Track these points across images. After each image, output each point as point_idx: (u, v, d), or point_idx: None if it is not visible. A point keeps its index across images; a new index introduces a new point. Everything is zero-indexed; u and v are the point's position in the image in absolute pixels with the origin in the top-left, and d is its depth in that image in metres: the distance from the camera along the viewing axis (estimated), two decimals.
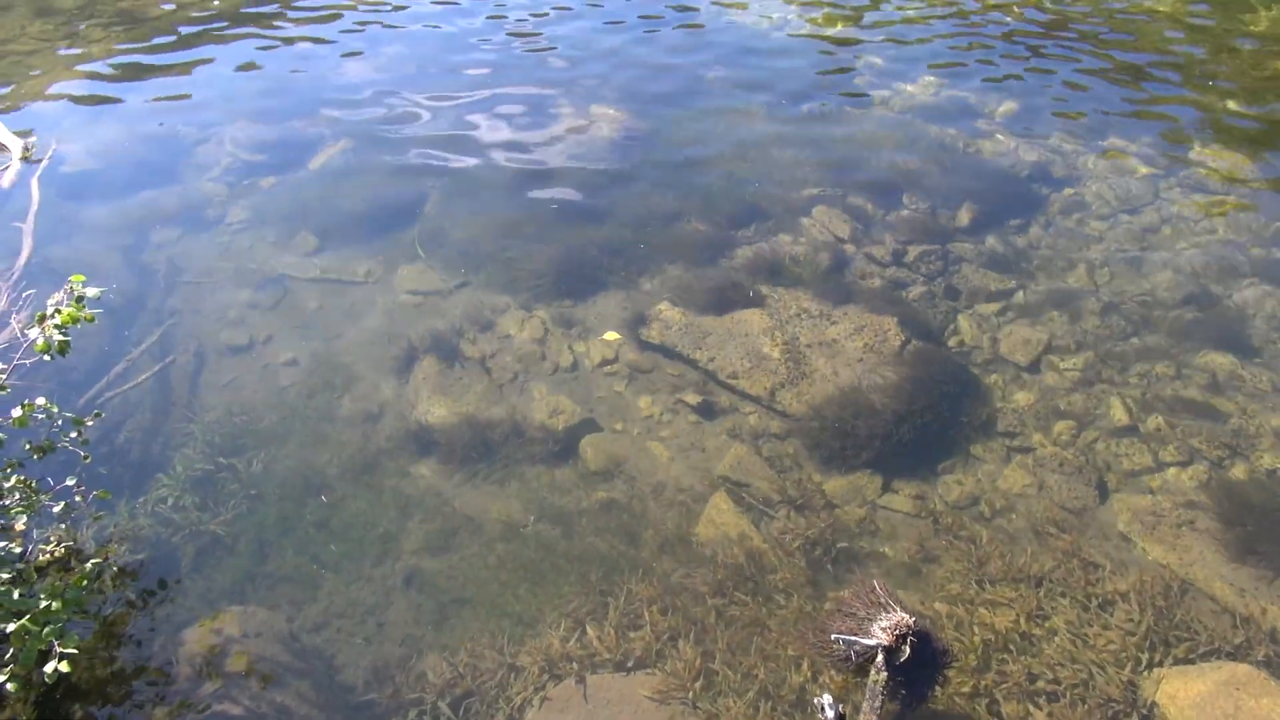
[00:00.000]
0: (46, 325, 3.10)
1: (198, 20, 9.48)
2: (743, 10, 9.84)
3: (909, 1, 10.00)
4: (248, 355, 5.58)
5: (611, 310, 5.92)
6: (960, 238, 6.54)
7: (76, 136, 7.36)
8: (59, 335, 3.09)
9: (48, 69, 8.52)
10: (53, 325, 3.09)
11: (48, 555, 3.90)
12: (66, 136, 7.33)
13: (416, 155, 7.26)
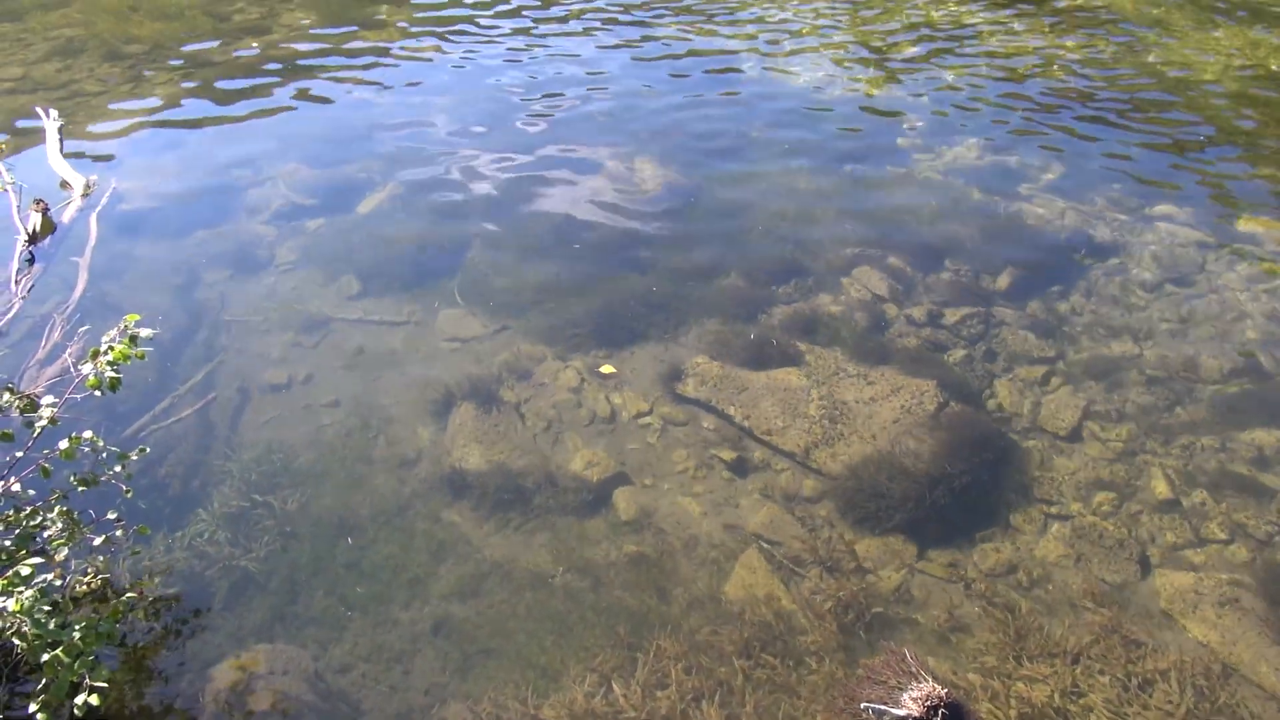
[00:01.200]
0: (99, 361, 3.18)
1: (257, 67, 9.79)
2: (787, 72, 9.96)
3: (953, 66, 10.06)
4: (288, 394, 5.66)
5: (648, 362, 5.95)
6: (1001, 302, 6.51)
7: (136, 176, 7.60)
8: (111, 372, 3.16)
9: (113, 110, 8.83)
10: (105, 362, 3.17)
11: (85, 587, 3.96)
12: (126, 176, 7.58)
13: (462, 203, 7.40)
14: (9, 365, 5.39)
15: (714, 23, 11.26)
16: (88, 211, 6.92)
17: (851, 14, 11.66)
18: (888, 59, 10.29)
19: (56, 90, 9.16)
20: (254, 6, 11.59)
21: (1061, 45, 10.61)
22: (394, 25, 11.09)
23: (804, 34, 10.96)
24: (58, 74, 9.56)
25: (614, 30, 11.01)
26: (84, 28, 10.78)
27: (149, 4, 11.61)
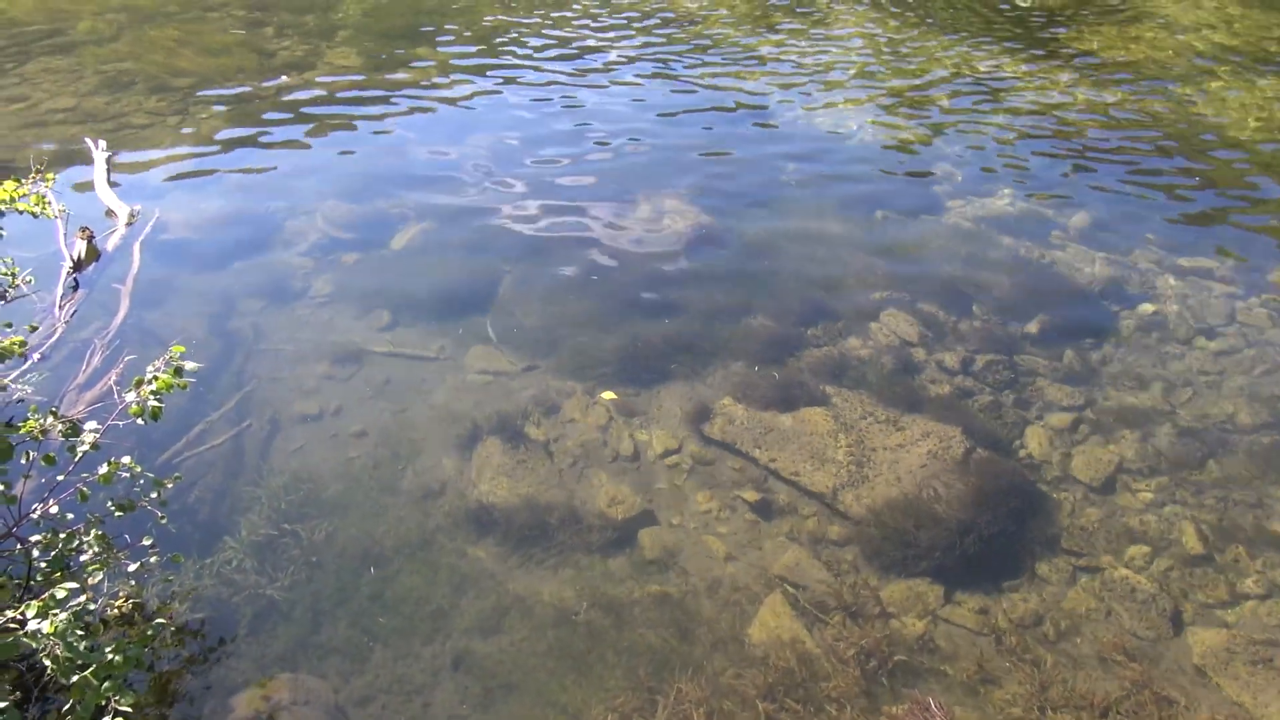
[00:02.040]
0: (143, 390, 3.25)
1: (299, 103, 10.03)
2: (820, 117, 10.06)
3: (987, 114, 10.11)
4: (318, 424, 5.72)
5: (675, 402, 5.97)
6: (1031, 349, 6.48)
7: (179, 206, 7.78)
8: (154, 401, 3.23)
9: (159, 142, 9.06)
10: (149, 391, 3.24)
11: (115, 611, 4.01)
12: (170, 206, 7.75)
13: (493, 241, 7.50)
14: (50, 388, 5.50)
15: (747, 68, 11.41)
16: (131, 240, 7.09)
17: (885, 61, 11.77)
18: (921, 106, 10.37)
19: (105, 122, 9.42)
20: (298, 45, 11.89)
21: (1096, 96, 10.64)
22: (432, 67, 11.32)
23: (837, 80, 11.07)
24: (107, 106, 9.83)
25: (647, 75, 11.18)
26: (133, 62, 11.10)
27: (196, 40, 11.95)
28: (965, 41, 12.48)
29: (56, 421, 3.34)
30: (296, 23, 12.84)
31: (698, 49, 12.05)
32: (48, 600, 2.82)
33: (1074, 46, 12.28)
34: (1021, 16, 13.59)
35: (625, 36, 12.53)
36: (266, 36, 12.24)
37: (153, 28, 12.39)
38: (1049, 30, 12.98)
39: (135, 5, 13.46)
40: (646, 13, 13.65)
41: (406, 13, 13.51)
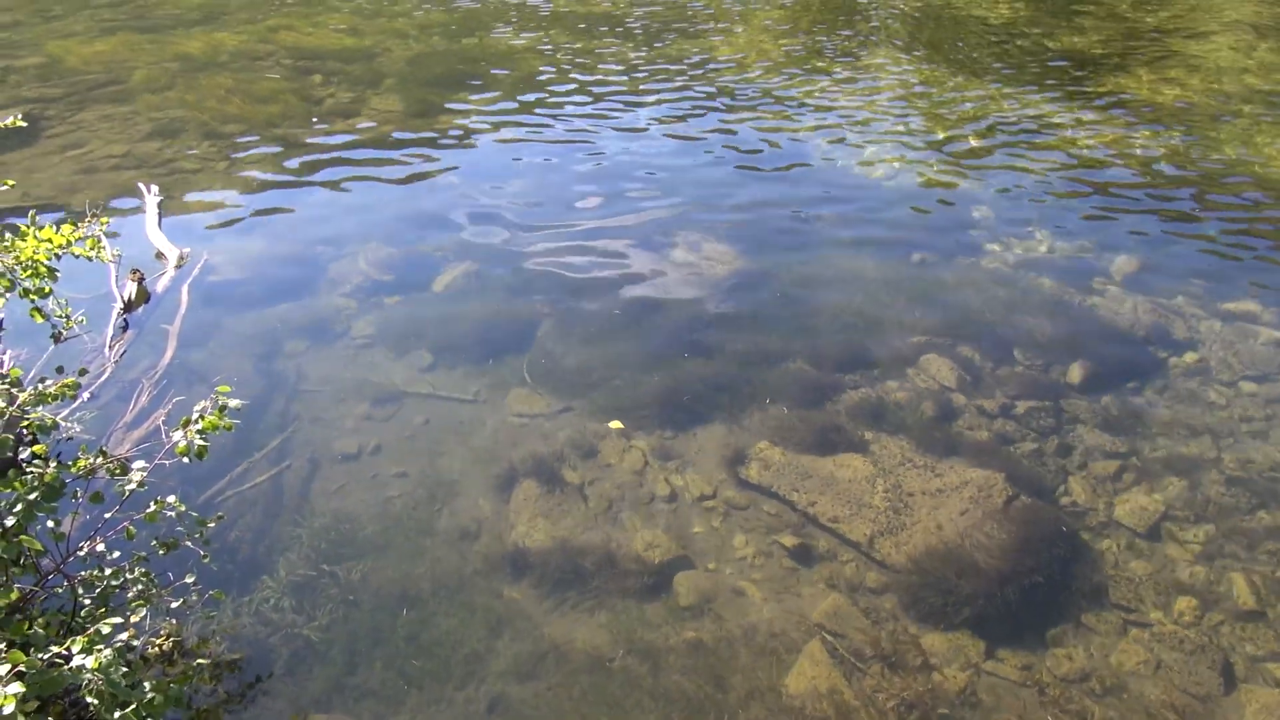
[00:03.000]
0: (189, 430, 3.31)
1: (344, 148, 10.26)
2: (857, 160, 10.10)
3: (1025, 157, 10.09)
4: (357, 464, 5.78)
5: (712, 445, 5.96)
6: (1073, 395, 6.40)
7: (226, 249, 7.97)
8: (200, 440, 3.29)
9: (209, 186, 9.31)
10: (195, 431, 3.30)
11: (156, 648, 4.05)
12: (218, 249, 7.94)
13: (532, 283, 7.58)
14: (98, 426, 5.62)
15: (785, 114, 11.50)
16: (180, 282, 7.26)
17: (922, 106, 11.81)
18: (958, 149, 10.37)
19: (157, 167, 9.70)
20: (344, 91, 12.20)
21: (1135, 138, 10.59)
22: (473, 113, 11.54)
23: (874, 125, 11.12)
24: (159, 152, 10.13)
25: (685, 121, 11.31)
26: (185, 109, 11.44)
27: (246, 88, 12.30)
28: (1001, 86, 12.49)
29: (105, 461, 3.41)
30: (342, 71, 13.17)
31: (735, 95, 12.18)
32: (93, 635, 2.87)
33: (1110, 91, 12.25)
34: (1060, 60, 13.59)
35: (663, 83, 12.70)
36: (314, 84, 12.57)
37: (204, 76, 12.77)
38: (1084, 75, 12.96)
39: (188, 55, 13.90)
40: (684, 60, 13.83)
41: (449, 61, 13.82)
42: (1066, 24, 15.71)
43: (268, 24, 15.87)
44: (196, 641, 4.44)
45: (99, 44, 14.52)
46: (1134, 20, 15.91)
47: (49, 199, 8.93)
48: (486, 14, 16.68)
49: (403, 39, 14.93)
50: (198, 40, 14.76)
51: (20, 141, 10.12)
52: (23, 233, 3.93)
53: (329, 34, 15.17)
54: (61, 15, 16.52)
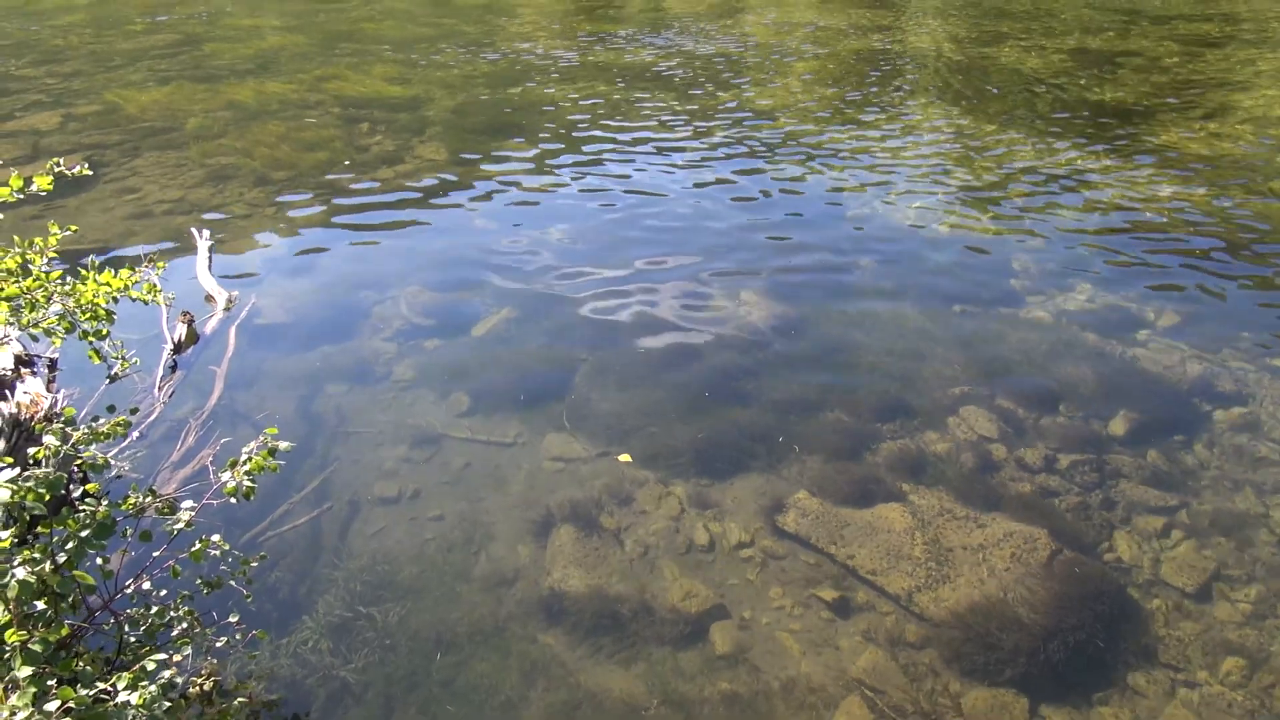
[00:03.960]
0: (237, 471, 3.37)
1: (389, 194, 10.48)
2: (896, 209, 10.12)
3: (1066, 208, 10.06)
4: (396, 507, 5.82)
5: (749, 494, 5.93)
6: (1117, 449, 6.30)
7: (273, 292, 8.14)
8: (247, 481, 3.35)
9: (258, 231, 9.54)
10: (243, 472, 3.36)
11: (196, 688, 4.08)
12: (265, 292, 8.13)
13: (571, 329, 7.65)
14: (146, 465, 5.73)
15: (822, 162, 11.58)
16: (228, 324, 7.43)
17: (961, 155, 11.83)
18: (998, 200, 10.36)
19: (209, 212, 9.97)
20: (389, 139, 12.49)
21: (1177, 189, 10.52)
22: (516, 161, 11.76)
23: (913, 174, 11.15)
24: (211, 197, 10.42)
25: (723, 169, 11.43)
26: (236, 156, 11.78)
27: (295, 136, 12.64)
28: (1040, 136, 12.50)
29: (155, 500, 3.47)
30: (388, 119, 13.50)
31: (772, 144, 12.30)
32: (138, 673, 2.91)
33: (1153, 141, 12.20)
34: (1099, 111, 13.58)
35: (701, 133, 12.87)
36: (360, 132, 12.89)
37: (256, 124, 13.16)
38: (1124, 126, 12.93)
39: (241, 104, 14.34)
40: (721, 110, 14.01)
41: (491, 111, 14.12)
42: (1105, 75, 15.72)
43: (317, 74, 16.35)
44: (235, 682, 4.47)
45: (155, 92, 15.04)
46: (1174, 71, 15.88)
47: (105, 242, 9.20)
48: (528, 66, 17.06)
49: (447, 89, 15.29)
50: (250, 89, 15.23)
51: (79, 186, 10.46)
52: (83, 276, 4.06)
53: (376, 83, 15.58)
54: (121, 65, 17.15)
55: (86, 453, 3.43)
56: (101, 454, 3.55)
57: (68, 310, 3.88)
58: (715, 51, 18.24)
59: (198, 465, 5.59)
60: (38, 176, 3.63)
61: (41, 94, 15.21)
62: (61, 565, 3.17)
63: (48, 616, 3.09)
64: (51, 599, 3.17)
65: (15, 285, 3.73)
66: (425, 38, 20.27)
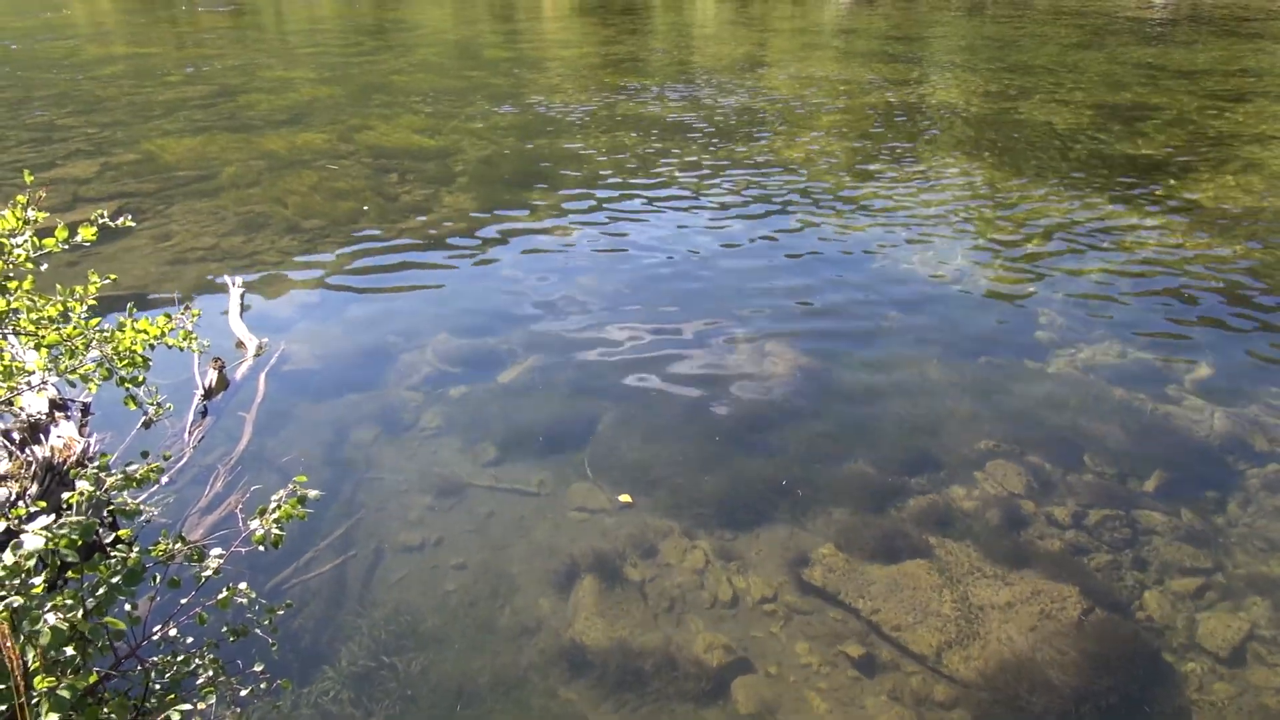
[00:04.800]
0: (266, 519, 3.40)
1: (418, 243, 10.63)
2: (920, 260, 10.14)
3: (1093, 260, 10.03)
4: (420, 555, 5.82)
5: (773, 547, 5.88)
6: (1148, 507, 6.21)
7: (303, 339, 8.25)
8: (276, 530, 3.38)
9: (289, 279, 9.69)
10: (271, 519, 3.39)
11: None
12: (295, 338, 8.23)
13: (596, 379, 7.69)
14: (174, 510, 5.78)
15: (848, 213, 11.65)
16: (258, 370, 7.52)
17: (987, 207, 11.86)
18: (1023, 252, 10.36)
19: (241, 259, 10.14)
20: (418, 189, 12.70)
21: (1205, 243, 10.48)
22: (544, 210, 11.91)
23: (938, 225, 11.19)
24: (243, 245, 10.61)
25: (749, 219, 11.52)
26: (269, 204, 12.01)
27: (326, 185, 12.88)
28: (1066, 189, 12.52)
29: (184, 546, 3.50)
30: (418, 169, 13.74)
31: (798, 196, 12.39)
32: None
33: (1182, 196, 12.18)
34: (1126, 165, 13.60)
35: (728, 182, 13.00)
36: (390, 182, 13.12)
37: (289, 173, 13.43)
38: (1151, 179, 12.94)
39: (275, 153, 14.65)
40: (747, 162, 14.15)
41: (519, 161, 14.34)
42: (1132, 129, 15.77)
43: (349, 124, 16.70)
44: None
45: (191, 142, 15.40)
46: (1200, 124, 15.91)
47: (140, 288, 9.38)
48: (555, 118, 17.34)
49: (475, 140, 15.56)
50: (283, 139, 15.57)
51: (116, 233, 10.69)
52: (121, 324, 4.13)
53: (406, 134, 15.89)
54: (159, 115, 17.59)
55: (119, 499, 3.47)
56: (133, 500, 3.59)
57: (105, 357, 3.95)
58: (739, 105, 18.48)
59: (225, 511, 5.63)
60: (82, 228, 3.72)
61: (82, 142, 15.62)
62: (91, 611, 3.19)
63: (76, 663, 3.11)
64: (80, 645, 3.19)
65: (56, 333, 3.80)
66: (455, 90, 20.69)
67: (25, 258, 3.66)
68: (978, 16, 35.42)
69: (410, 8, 46.76)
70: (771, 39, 31.01)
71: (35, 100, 19.81)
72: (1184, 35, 27.26)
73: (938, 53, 26.46)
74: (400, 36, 33.99)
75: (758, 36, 31.90)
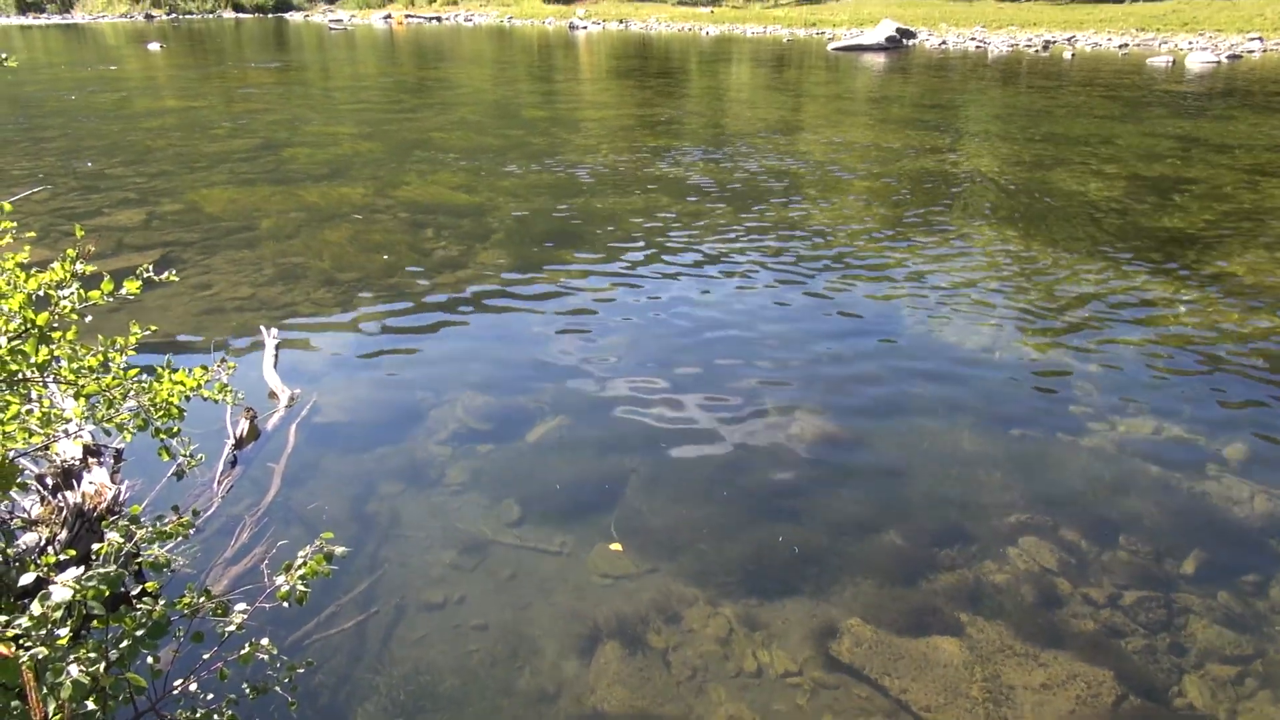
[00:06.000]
0: (291, 574, 3.39)
1: (450, 298, 10.75)
2: (951, 330, 10.09)
3: (1128, 334, 9.94)
4: (441, 614, 5.77)
5: (800, 617, 5.78)
6: (1186, 588, 6.05)
7: (334, 391, 8.32)
8: (301, 586, 3.37)
9: (323, 330, 9.81)
10: (296, 576, 3.38)
11: None
12: (326, 391, 8.31)
13: (623, 440, 7.67)
14: (200, 561, 5.79)
15: (878, 281, 11.65)
16: (289, 421, 7.58)
17: (1019, 278, 11.82)
18: (1056, 324, 10.28)
19: (277, 310, 10.29)
20: (453, 245, 12.88)
21: (1241, 318, 10.35)
22: (576, 269, 12.03)
23: (970, 294, 11.15)
24: (280, 295, 10.77)
25: (779, 284, 11.55)
26: (306, 256, 12.22)
27: (363, 238, 13.11)
28: (1102, 260, 12.46)
29: (209, 600, 3.50)
30: (453, 225, 13.96)
31: (830, 260, 12.43)
32: None
33: (1218, 269, 12.09)
34: (1161, 237, 13.53)
35: (758, 246, 13.07)
36: (426, 237, 13.33)
37: (327, 226, 13.68)
38: (1190, 252, 12.85)
39: (315, 206, 14.95)
40: (779, 226, 14.24)
41: (553, 219, 14.53)
42: (1167, 201, 15.73)
43: (387, 179, 17.04)
44: None
45: (234, 193, 15.76)
46: (1235, 198, 15.84)
47: (178, 335, 9.53)
48: (591, 177, 17.60)
49: (511, 197, 15.80)
50: (323, 192, 15.90)
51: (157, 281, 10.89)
52: (158, 375, 4.19)
53: (443, 190, 16.18)
54: (204, 167, 18.06)
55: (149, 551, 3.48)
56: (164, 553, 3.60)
57: (142, 407, 4.00)
58: (772, 168, 18.67)
59: (250, 563, 5.63)
60: (127, 282, 3.80)
61: (130, 192, 16.04)
62: (114, 664, 3.19)
63: (97, 716, 3.09)
64: (100, 698, 3.18)
65: (95, 382, 3.86)
66: (492, 148, 21.09)
67: (70, 309, 3.73)
68: (1010, 86, 35.73)
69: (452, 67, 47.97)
70: (805, 104, 31.42)
71: (86, 150, 20.43)
72: (1218, 109, 27.30)
73: (970, 120, 26.66)
74: (441, 94, 34.81)
75: (791, 101, 32.34)
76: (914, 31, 58.77)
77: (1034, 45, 51.23)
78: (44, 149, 20.49)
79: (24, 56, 54.41)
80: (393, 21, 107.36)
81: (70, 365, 3.97)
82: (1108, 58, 45.01)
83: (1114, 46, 49.73)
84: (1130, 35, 52.40)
